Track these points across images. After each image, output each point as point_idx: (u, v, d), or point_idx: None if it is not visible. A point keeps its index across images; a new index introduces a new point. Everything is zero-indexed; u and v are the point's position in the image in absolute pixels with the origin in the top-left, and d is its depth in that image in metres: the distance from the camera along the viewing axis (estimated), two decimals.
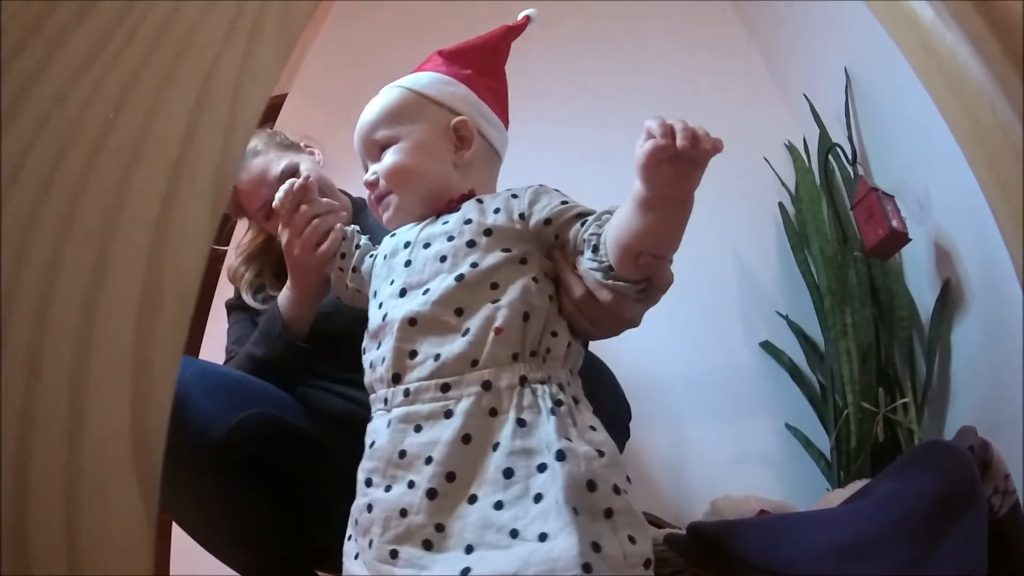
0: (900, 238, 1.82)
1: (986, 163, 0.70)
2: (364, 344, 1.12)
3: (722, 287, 2.47)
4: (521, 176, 1.24)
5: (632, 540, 0.84)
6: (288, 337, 1.44)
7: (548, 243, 1.10)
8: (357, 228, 1.36)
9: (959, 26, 0.70)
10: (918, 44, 0.73)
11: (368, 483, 0.97)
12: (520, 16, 1.35)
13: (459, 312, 1.00)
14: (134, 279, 0.42)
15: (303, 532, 1.37)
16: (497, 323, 0.97)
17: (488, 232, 1.07)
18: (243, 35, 0.49)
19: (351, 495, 1.03)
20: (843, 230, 2.13)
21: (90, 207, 0.41)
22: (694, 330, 2.40)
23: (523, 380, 0.93)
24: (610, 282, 1.00)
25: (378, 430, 1.00)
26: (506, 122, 1.31)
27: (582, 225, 1.05)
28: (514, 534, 0.83)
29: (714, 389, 2.34)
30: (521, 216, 1.08)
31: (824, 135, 2.27)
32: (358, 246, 1.35)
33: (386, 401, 1.01)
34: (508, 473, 0.87)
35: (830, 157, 2.20)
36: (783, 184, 2.44)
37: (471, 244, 1.06)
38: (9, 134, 0.39)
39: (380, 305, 1.09)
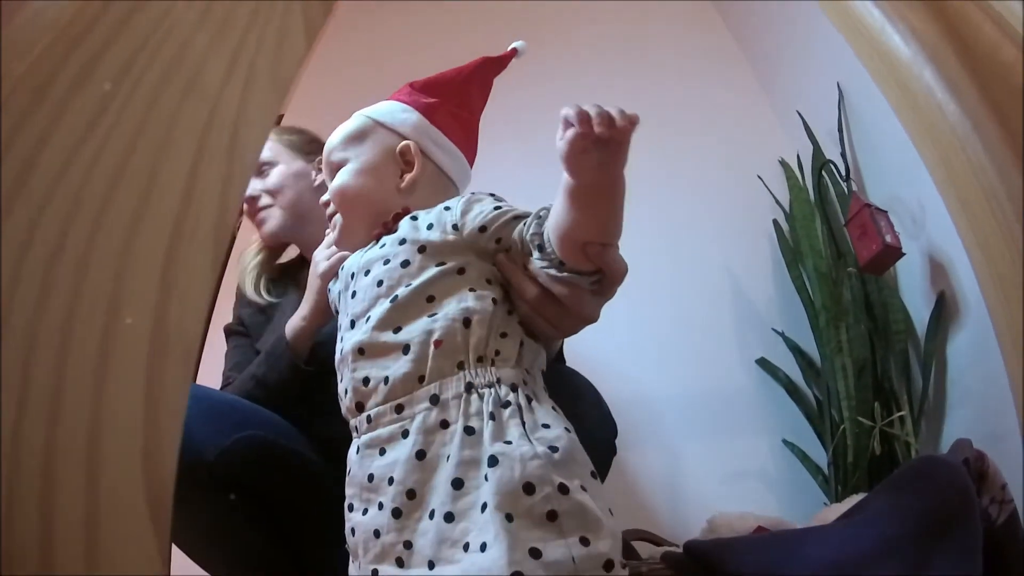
0: (894, 253, 1.83)
1: (960, 206, 0.71)
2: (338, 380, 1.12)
3: (718, 305, 2.47)
4: (510, 187, 1.25)
5: (585, 542, 0.81)
6: (292, 357, 1.45)
7: (488, 249, 1.09)
8: None
9: (936, 67, 0.70)
10: (895, 83, 0.73)
11: (350, 508, 0.99)
12: (508, 48, 1.36)
13: (397, 330, 1.00)
14: (141, 335, 0.43)
15: (297, 555, 1.37)
16: (436, 336, 0.97)
17: (422, 249, 1.06)
18: (238, 85, 0.50)
19: (340, 517, 1.03)
20: (837, 246, 2.13)
21: (97, 271, 0.42)
22: (690, 348, 2.40)
23: (469, 387, 0.93)
24: (564, 275, 1.00)
25: (351, 457, 1.01)
26: (470, 152, 1.32)
27: (525, 226, 1.05)
28: (466, 547, 0.82)
29: (711, 406, 2.33)
30: (455, 227, 1.08)
31: (817, 151, 2.28)
32: None
33: (356, 429, 1.02)
34: (457, 484, 0.86)
35: (823, 173, 2.20)
36: (777, 201, 2.45)
37: (405, 264, 1.05)
38: (16, 209, 0.40)
39: (341, 339, 1.10)
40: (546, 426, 0.91)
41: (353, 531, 0.96)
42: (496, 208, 1.08)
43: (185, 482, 1.19)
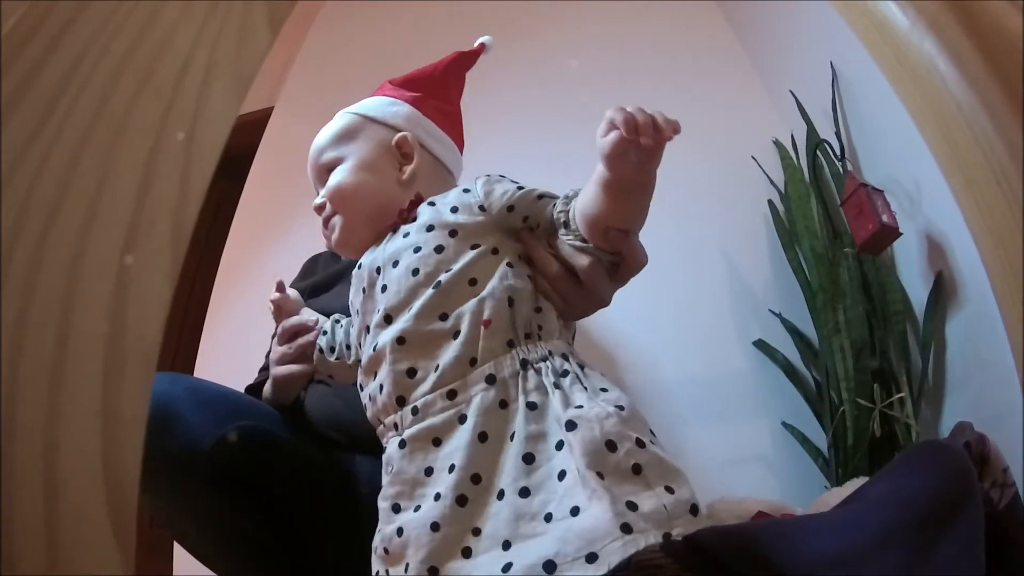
0: (891, 233, 1.81)
1: (966, 187, 0.68)
2: (360, 382, 1.12)
3: (714, 287, 2.46)
4: (507, 172, 1.24)
5: (670, 490, 0.84)
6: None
7: (515, 227, 1.12)
8: (324, 330, 1.36)
9: (936, 36, 0.66)
10: (892, 55, 0.70)
11: (395, 509, 0.95)
12: (476, 43, 1.41)
13: (444, 317, 1.01)
14: (96, 339, 0.42)
15: (293, 547, 1.38)
16: (484, 316, 0.98)
17: (453, 232, 1.08)
18: (196, 80, 0.48)
19: (338, 508, 1.03)
20: (833, 226, 2.12)
21: (49, 275, 0.40)
22: (686, 331, 2.39)
23: (524, 363, 0.95)
24: (588, 246, 1.04)
25: (393, 455, 0.98)
26: (459, 143, 1.35)
27: (553, 205, 1.09)
28: (548, 518, 0.83)
29: (708, 389, 2.33)
30: (481, 208, 1.10)
31: (812, 131, 2.26)
32: (329, 342, 1.34)
33: (396, 426, 1.00)
34: (528, 459, 0.87)
35: (818, 153, 2.19)
36: (771, 182, 2.44)
37: (439, 249, 1.06)
38: None
39: (371, 340, 1.09)
40: (604, 389, 0.94)
41: (400, 531, 0.91)
42: (520, 188, 1.12)
43: (182, 473, 1.21)
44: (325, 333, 1.31)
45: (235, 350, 1.92)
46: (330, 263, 1.91)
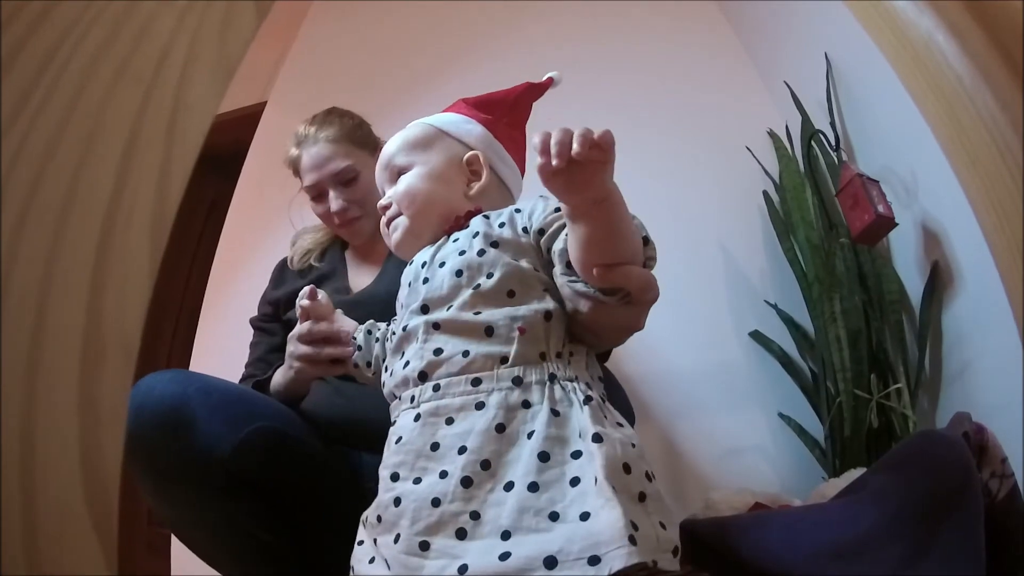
0: (886, 223, 1.81)
1: (970, 166, 0.65)
2: (386, 363, 1.15)
3: (709, 278, 2.45)
4: None
5: (663, 526, 0.86)
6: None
7: (543, 254, 1.13)
8: (359, 345, 1.35)
9: (935, 11, 0.65)
10: (890, 32, 0.68)
11: (394, 478, 0.98)
12: (544, 77, 1.43)
13: (477, 313, 1.03)
14: (74, 331, 0.41)
15: (302, 546, 1.38)
16: (520, 323, 1.01)
17: (495, 244, 1.10)
18: (176, 68, 0.47)
19: (351, 509, 1.04)
20: (829, 217, 2.11)
21: (24, 265, 0.39)
22: (683, 322, 2.38)
23: (552, 377, 0.98)
24: (591, 291, 1.01)
25: (404, 426, 1.01)
26: (522, 168, 1.37)
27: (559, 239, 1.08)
28: (554, 517, 0.84)
29: (705, 381, 2.33)
30: (524, 230, 1.13)
31: (806, 122, 2.25)
32: (364, 357, 1.34)
33: (413, 399, 1.03)
34: (544, 457, 0.89)
35: (813, 144, 2.18)
36: (766, 172, 2.43)
37: (482, 253, 1.09)
38: None
39: (405, 321, 1.13)
40: (620, 425, 0.97)
41: (397, 500, 0.94)
42: (556, 210, 1.11)
43: (198, 477, 1.23)
44: (360, 348, 1.31)
45: (229, 344, 1.91)
46: (296, 274, 1.95)
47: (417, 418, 0.99)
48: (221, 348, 2.21)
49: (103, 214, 0.42)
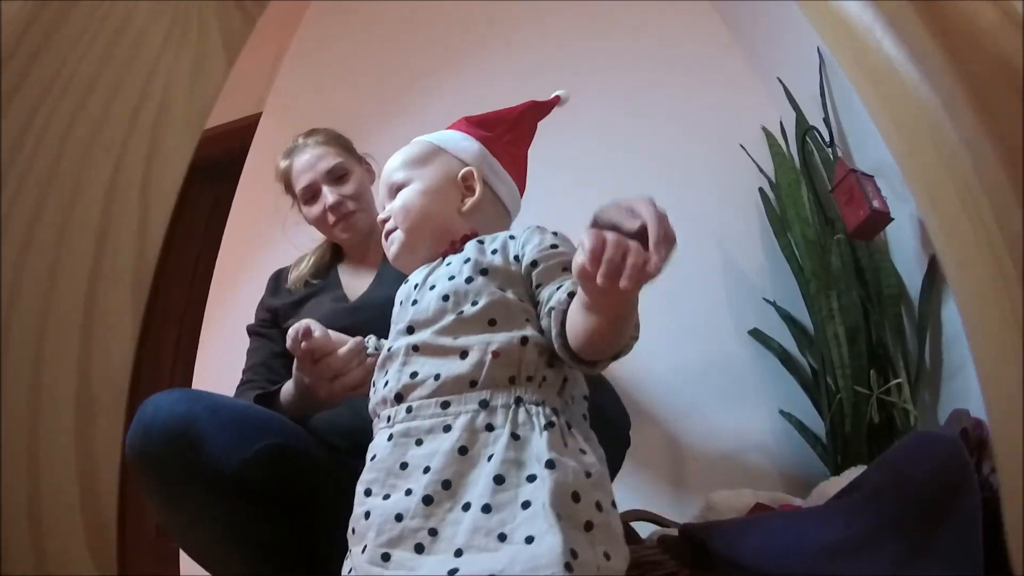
0: (882, 218, 1.81)
1: (930, 206, 0.62)
2: (373, 379, 1.18)
3: (707, 277, 2.45)
4: None
5: (607, 556, 0.88)
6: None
7: (531, 286, 1.14)
8: (378, 345, 1.36)
9: (900, 35, 0.61)
10: (851, 54, 0.65)
11: (367, 493, 1.02)
12: (552, 96, 1.44)
13: (456, 337, 1.06)
14: (67, 386, 0.41)
15: (310, 557, 1.39)
16: (494, 347, 1.02)
17: (484, 271, 1.12)
18: (147, 125, 0.47)
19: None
20: (824, 213, 2.11)
21: (18, 330, 0.40)
22: (682, 322, 2.38)
23: (519, 400, 0.99)
24: (567, 354, 1.02)
25: (379, 445, 1.05)
26: (521, 186, 1.39)
27: (558, 288, 1.08)
28: (502, 537, 0.87)
29: (706, 380, 2.33)
30: (516, 258, 1.14)
31: (800, 118, 2.25)
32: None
33: (389, 419, 1.07)
34: (499, 480, 0.91)
35: (808, 140, 2.18)
36: (761, 170, 2.43)
37: (469, 280, 1.11)
38: None
39: (391, 340, 1.18)
40: (583, 451, 0.98)
41: (367, 514, 0.99)
42: (553, 246, 1.14)
43: (207, 493, 1.24)
44: (377, 351, 1.33)
45: (231, 351, 1.92)
46: (288, 286, 1.98)
47: (390, 438, 1.04)
48: (223, 359, 2.21)
49: (87, 276, 0.42)
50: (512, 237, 1.18)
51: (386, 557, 0.93)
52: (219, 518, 1.30)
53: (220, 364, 2.10)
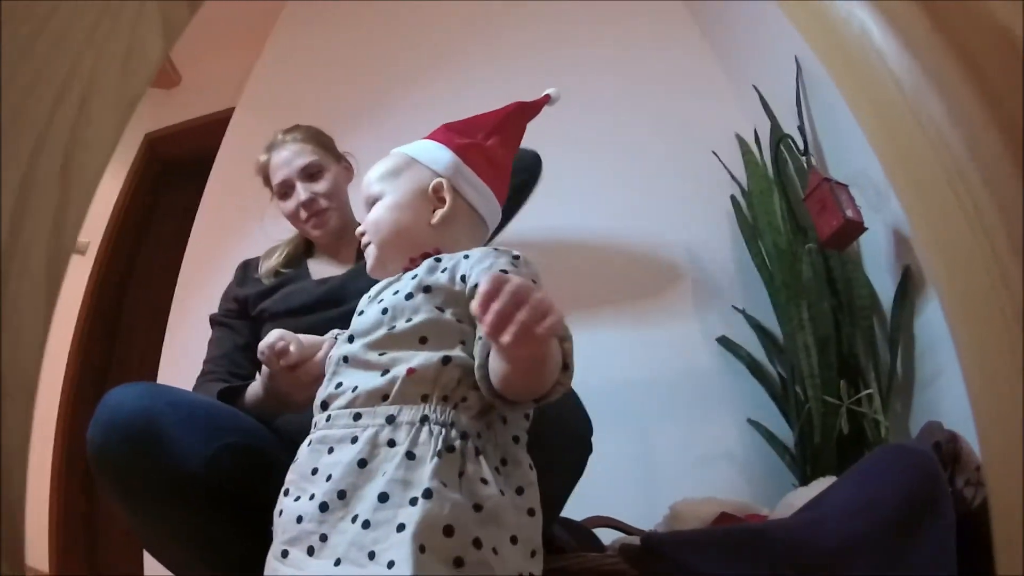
0: (855, 227, 1.80)
1: (915, 195, 0.56)
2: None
3: (676, 283, 2.45)
4: None
5: None
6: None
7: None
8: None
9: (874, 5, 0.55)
10: (819, 29, 0.60)
11: (285, 493, 1.06)
12: (541, 95, 1.44)
13: (382, 354, 1.07)
14: None
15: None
16: (411, 364, 1.02)
17: (427, 289, 1.11)
18: (72, 105, 0.45)
19: None
20: (797, 222, 2.11)
21: None
22: (649, 329, 2.38)
23: (424, 419, 0.98)
24: (487, 389, 1.00)
25: (301, 450, 1.08)
26: (500, 192, 1.37)
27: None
28: (371, 555, 0.89)
29: (673, 388, 2.32)
30: (463, 278, 1.12)
31: (775, 126, 2.25)
32: None
33: (315, 425, 1.09)
34: (383, 497, 0.92)
35: (782, 148, 2.18)
36: (733, 177, 2.43)
37: (408, 297, 1.11)
38: None
39: (335, 348, 1.18)
40: (484, 482, 0.96)
41: (280, 512, 1.03)
42: (503, 270, 1.07)
43: (171, 494, 1.22)
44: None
45: (197, 348, 1.90)
46: (257, 276, 1.98)
47: (310, 443, 1.06)
48: (191, 351, 2.19)
49: None
50: (467, 256, 1.16)
51: (285, 554, 0.98)
52: (180, 517, 1.29)
53: (187, 356, 2.08)
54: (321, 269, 1.94)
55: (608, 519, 1.78)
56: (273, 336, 1.30)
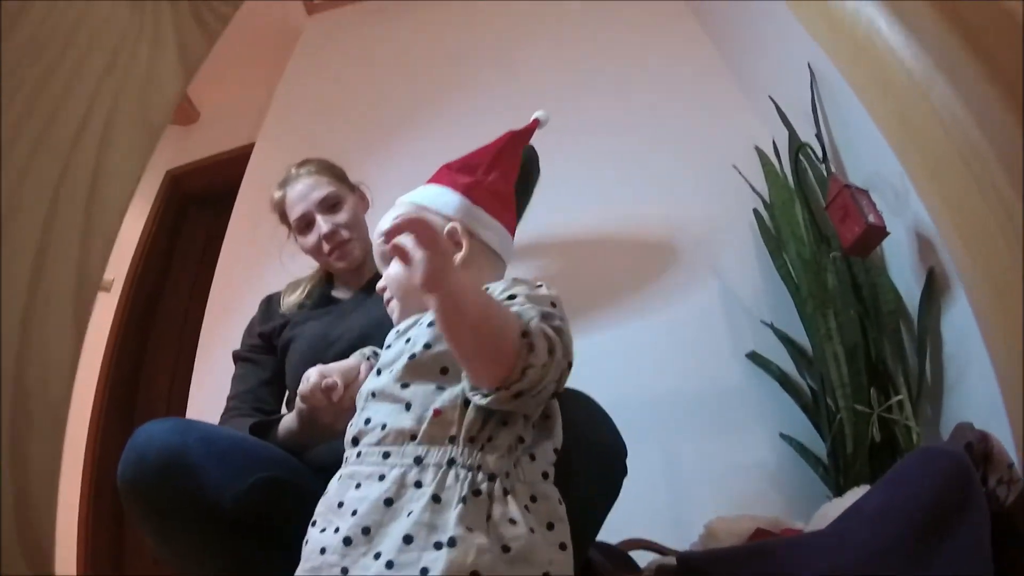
0: (878, 232, 1.79)
1: (927, 176, 0.56)
2: None
3: (704, 301, 2.44)
4: None
5: None
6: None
7: None
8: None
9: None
10: (820, 16, 0.59)
11: (313, 524, 1.07)
12: (531, 119, 1.44)
13: (405, 386, 1.08)
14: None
15: None
16: (436, 404, 1.03)
17: None
18: (95, 134, 0.45)
19: None
20: (819, 231, 2.09)
21: None
22: (679, 347, 2.37)
23: (451, 462, 0.99)
24: (473, 395, 1.01)
25: (332, 483, 1.09)
26: (510, 223, 1.37)
27: None
28: None
29: (705, 405, 2.31)
30: None
31: (793, 136, 2.24)
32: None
33: (346, 460, 1.10)
34: (408, 539, 0.92)
35: (800, 157, 2.17)
36: (754, 190, 2.42)
37: (431, 325, 1.12)
38: None
39: (367, 383, 1.18)
40: (512, 522, 0.96)
41: (307, 542, 1.04)
42: (511, 296, 1.09)
43: (203, 527, 1.24)
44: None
45: (226, 378, 1.91)
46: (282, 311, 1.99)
47: (340, 478, 1.08)
48: (217, 386, 2.20)
49: (25, 289, 0.40)
50: (487, 289, 1.15)
51: None
52: (213, 551, 1.29)
53: (214, 391, 2.08)
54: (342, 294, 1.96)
55: (643, 541, 1.76)
56: (315, 375, 1.31)
